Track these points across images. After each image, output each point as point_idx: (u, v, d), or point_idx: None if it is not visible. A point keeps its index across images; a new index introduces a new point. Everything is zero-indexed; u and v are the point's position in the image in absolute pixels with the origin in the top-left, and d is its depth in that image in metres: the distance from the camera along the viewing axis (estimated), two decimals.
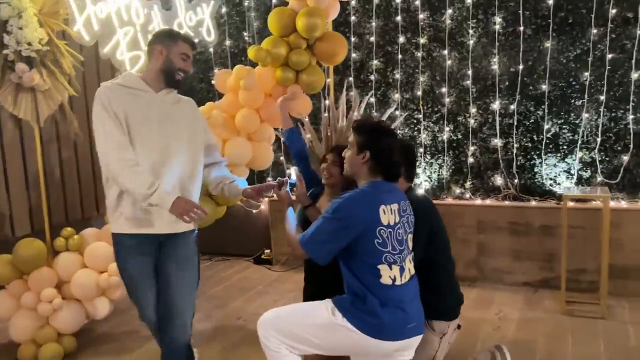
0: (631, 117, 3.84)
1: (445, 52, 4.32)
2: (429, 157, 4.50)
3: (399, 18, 4.44)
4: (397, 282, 2.06)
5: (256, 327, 2.18)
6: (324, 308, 2.11)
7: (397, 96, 4.52)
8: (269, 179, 5.03)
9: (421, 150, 4.48)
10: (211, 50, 5.14)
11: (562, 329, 3.34)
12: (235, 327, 3.60)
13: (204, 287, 4.40)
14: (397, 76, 4.51)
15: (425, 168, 4.51)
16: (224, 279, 4.72)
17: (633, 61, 3.78)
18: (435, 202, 4.49)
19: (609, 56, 3.84)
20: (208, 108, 3.64)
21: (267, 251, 5.18)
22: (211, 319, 3.75)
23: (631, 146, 3.85)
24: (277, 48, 3.57)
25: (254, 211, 5.17)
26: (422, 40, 4.40)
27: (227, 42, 5.09)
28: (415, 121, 4.49)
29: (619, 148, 3.91)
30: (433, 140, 4.47)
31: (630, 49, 3.80)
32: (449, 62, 4.32)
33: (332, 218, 2.05)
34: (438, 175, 4.49)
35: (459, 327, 2.64)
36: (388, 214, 2.07)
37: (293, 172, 2.60)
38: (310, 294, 2.82)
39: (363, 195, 2.10)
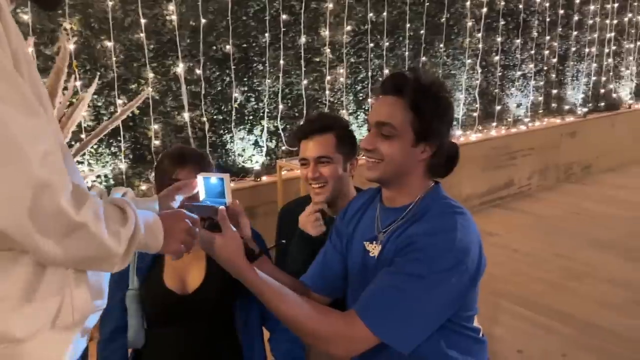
0: (304, 82, 3.82)
1: None
2: (95, 145, 3.01)
3: None
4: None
5: None
6: None
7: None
8: None
9: (82, 135, 2.93)
10: None
11: None
12: None
13: None
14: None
15: (92, 160, 3.01)
16: None
17: (302, 25, 3.74)
18: None
19: (283, 17, 3.64)
20: None
21: None
22: None
23: (305, 111, 3.86)
24: None
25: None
26: None
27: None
28: (65, 89, 2.85)
29: (297, 114, 3.84)
30: (97, 118, 3.01)
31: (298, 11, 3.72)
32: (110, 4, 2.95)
33: (440, 276, 1.10)
34: (113, 169, 3.09)
35: None
36: None
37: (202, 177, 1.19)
38: None
39: (467, 218, 1.19)
